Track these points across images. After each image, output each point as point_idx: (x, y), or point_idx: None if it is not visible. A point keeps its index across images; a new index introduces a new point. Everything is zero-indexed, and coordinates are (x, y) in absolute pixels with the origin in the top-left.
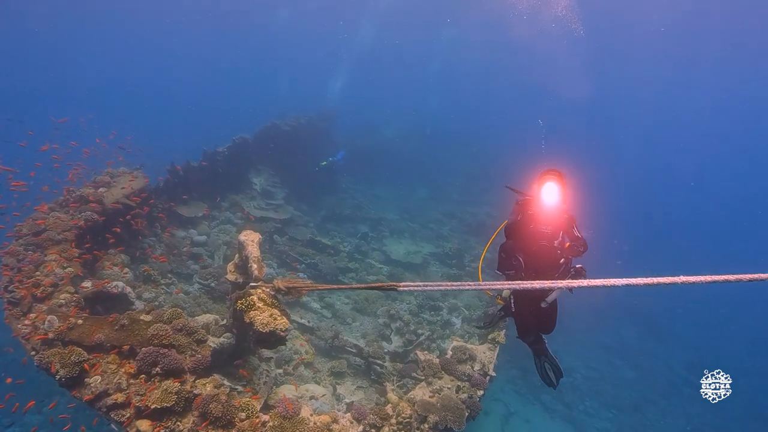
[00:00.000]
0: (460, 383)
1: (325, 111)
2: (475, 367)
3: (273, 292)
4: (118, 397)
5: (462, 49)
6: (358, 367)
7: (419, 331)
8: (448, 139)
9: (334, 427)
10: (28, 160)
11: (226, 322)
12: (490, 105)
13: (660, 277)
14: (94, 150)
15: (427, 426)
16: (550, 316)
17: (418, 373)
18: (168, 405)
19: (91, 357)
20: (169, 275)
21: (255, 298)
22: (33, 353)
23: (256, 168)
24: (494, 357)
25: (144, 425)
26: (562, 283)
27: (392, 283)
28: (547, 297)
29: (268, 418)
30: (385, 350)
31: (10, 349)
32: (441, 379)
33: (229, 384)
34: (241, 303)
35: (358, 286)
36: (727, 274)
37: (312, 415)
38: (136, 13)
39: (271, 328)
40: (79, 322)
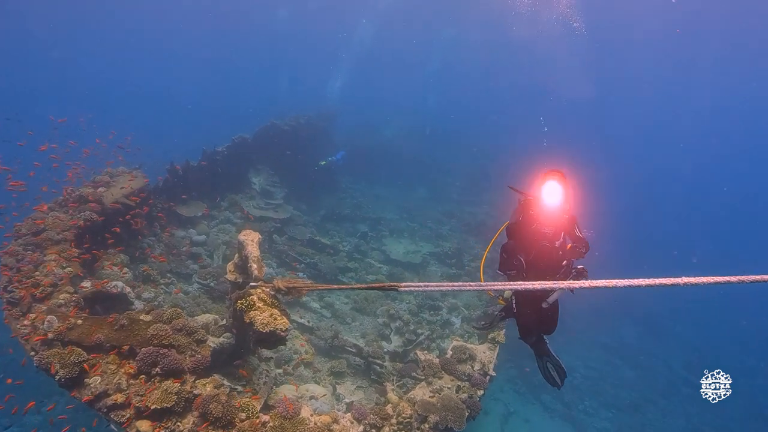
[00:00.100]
0: (460, 383)
1: (324, 111)
2: (475, 366)
3: (273, 292)
4: (118, 398)
5: (462, 49)
6: (357, 366)
7: (419, 331)
8: (448, 139)
9: (335, 427)
10: (28, 159)
11: (226, 321)
12: (490, 105)
13: (661, 279)
14: (94, 150)
15: (427, 426)
16: (552, 317)
17: (418, 373)
18: (168, 405)
19: (91, 357)
20: (169, 275)
21: (255, 298)
22: (32, 353)
23: (255, 167)
24: (494, 357)
25: (144, 426)
26: (564, 284)
27: (393, 284)
28: (549, 297)
29: (268, 419)
30: (385, 350)
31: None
32: (441, 378)
33: (229, 384)
34: (241, 303)
35: (358, 286)
36: (729, 276)
37: (312, 416)
38: (136, 13)
39: (272, 328)
40: (79, 322)
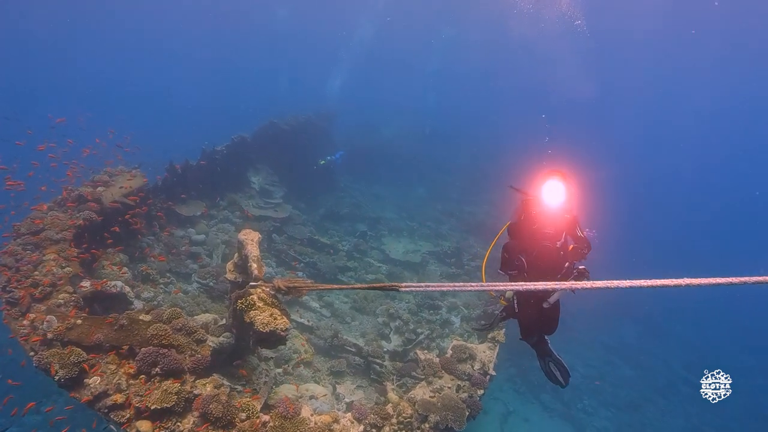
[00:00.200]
0: (461, 382)
1: (324, 110)
2: (475, 366)
3: (273, 292)
4: (118, 398)
5: (461, 49)
6: (357, 366)
7: (418, 330)
8: (448, 139)
9: (335, 427)
10: (27, 159)
11: (226, 321)
12: (490, 104)
13: (663, 279)
14: (93, 149)
15: (428, 425)
16: (553, 317)
17: (418, 373)
18: (168, 405)
19: (90, 357)
20: (168, 274)
21: (255, 298)
22: (32, 354)
23: (254, 167)
24: (494, 356)
25: (144, 426)
26: (566, 284)
27: (394, 284)
28: (550, 297)
29: (268, 419)
30: (385, 349)
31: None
32: (441, 378)
33: (229, 384)
34: (241, 302)
35: (359, 286)
36: (731, 277)
37: (312, 415)
38: (135, 13)
39: (272, 328)
40: (78, 322)
